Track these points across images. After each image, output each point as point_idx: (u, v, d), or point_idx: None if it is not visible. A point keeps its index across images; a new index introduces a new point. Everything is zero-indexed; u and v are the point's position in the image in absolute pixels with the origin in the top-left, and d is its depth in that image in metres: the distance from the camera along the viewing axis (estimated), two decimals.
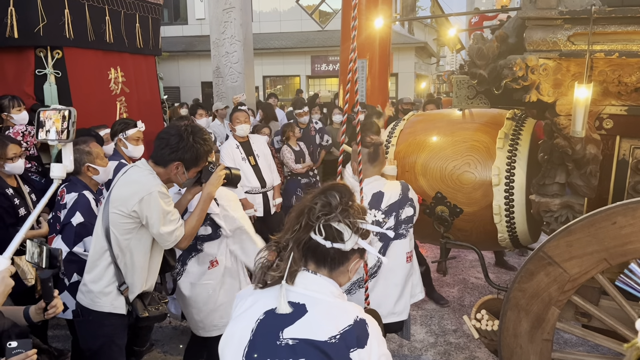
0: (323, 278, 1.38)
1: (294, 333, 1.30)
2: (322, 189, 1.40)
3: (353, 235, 1.34)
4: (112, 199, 2.42)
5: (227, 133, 6.65)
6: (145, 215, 2.37)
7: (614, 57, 2.30)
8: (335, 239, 1.34)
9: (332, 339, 1.28)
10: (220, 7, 9.35)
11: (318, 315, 1.32)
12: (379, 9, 7.58)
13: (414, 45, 18.86)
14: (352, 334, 1.29)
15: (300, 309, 1.33)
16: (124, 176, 2.48)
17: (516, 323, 2.54)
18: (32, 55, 4.50)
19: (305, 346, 1.28)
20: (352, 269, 1.42)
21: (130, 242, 2.45)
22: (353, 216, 1.35)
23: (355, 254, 1.39)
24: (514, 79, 2.44)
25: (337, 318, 1.32)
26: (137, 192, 2.35)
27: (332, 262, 1.37)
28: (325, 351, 1.26)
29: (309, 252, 1.38)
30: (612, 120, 2.54)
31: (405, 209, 3.04)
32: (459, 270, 5.63)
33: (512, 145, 3.06)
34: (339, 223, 1.33)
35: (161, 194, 2.36)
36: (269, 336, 1.31)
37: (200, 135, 2.45)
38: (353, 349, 1.28)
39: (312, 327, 1.30)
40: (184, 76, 18.83)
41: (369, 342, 1.31)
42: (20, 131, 4.06)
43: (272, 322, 1.33)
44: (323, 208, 1.34)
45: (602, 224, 2.25)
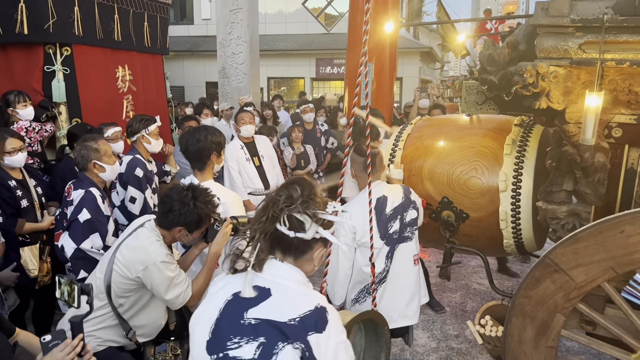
0: (289, 266, 1.48)
1: (257, 314, 1.39)
2: (285, 183, 1.52)
3: (313, 224, 1.44)
4: (117, 259, 2.44)
5: (232, 133, 6.66)
6: (150, 283, 2.42)
7: (625, 66, 2.31)
8: (297, 229, 1.44)
9: (292, 321, 1.36)
10: (228, 8, 9.38)
11: (281, 299, 1.42)
12: (389, 14, 7.58)
13: (419, 50, 18.87)
14: (311, 319, 1.38)
15: (265, 293, 1.43)
16: (133, 237, 2.50)
17: (521, 329, 2.54)
18: (41, 52, 4.52)
19: (266, 326, 1.37)
20: (317, 257, 1.51)
21: (130, 298, 2.49)
22: (313, 207, 1.45)
23: (318, 243, 1.50)
24: (524, 85, 2.45)
25: (298, 303, 1.41)
26: (142, 261, 2.38)
27: (296, 251, 1.48)
28: (283, 331, 1.35)
29: (275, 242, 1.47)
30: (621, 129, 2.55)
31: (409, 211, 3.06)
32: (461, 275, 5.62)
33: (519, 151, 3.07)
34: (300, 214, 1.43)
35: (165, 263, 2.40)
36: (234, 315, 1.41)
37: (202, 198, 2.47)
38: (311, 332, 1.36)
39: (274, 309, 1.39)
40: (189, 76, 18.84)
41: (327, 328, 1.39)
42: (24, 127, 4.08)
43: (239, 303, 1.43)
44: (286, 200, 1.44)
45: (610, 232, 2.25)
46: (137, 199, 3.75)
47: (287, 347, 1.33)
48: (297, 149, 6.21)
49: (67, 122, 4.65)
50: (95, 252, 3.02)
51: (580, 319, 2.62)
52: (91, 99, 4.84)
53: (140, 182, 3.75)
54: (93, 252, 3.00)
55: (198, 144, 3.06)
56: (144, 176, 3.78)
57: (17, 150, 3.37)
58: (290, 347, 1.33)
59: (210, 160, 3.11)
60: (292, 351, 1.33)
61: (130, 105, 5.39)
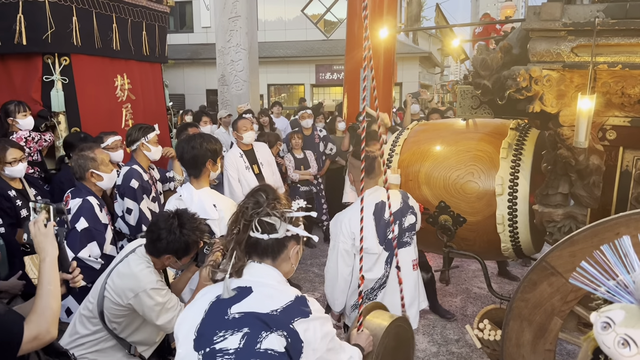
0: (267, 266, 1.58)
1: (240, 308, 1.47)
2: (250, 192, 1.60)
3: (283, 223, 1.54)
4: (109, 286, 2.46)
5: (231, 141, 6.68)
6: (141, 310, 2.44)
7: (617, 69, 2.32)
8: (270, 231, 1.54)
9: (274, 312, 1.45)
10: (227, 16, 9.42)
11: (262, 295, 1.51)
12: (384, 19, 7.62)
13: (418, 55, 18.92)
14: (295, 308, 1.48)
15: (247, 290, 1.52)
16: (123, 264, 2.52)
17: (519, 333, 2.54)
18: (40, 62, 4.56)
19: (249, 318, 1.45)
20: (293, 256, 1.61)
21: (124, 321, 2.51)
22: (280, 208, 1.55)
23: (291, 240, 1.59)
24: (517, 89, 2.46)
25: (279, 297, 1.50)
26: (133, 289, 2.41)
27: (272, 253, 1.58)
28: (265, 321, 1.43)
29: (252, 249, 1.57)
30: (615, 132, 2.56)
31: (408, 216, 3.06)
32: (461, 280, 5.62)
33: (515, 155, 3.08)
34: (269, 216, 1.53)
35: (155, 290, 2.42)
36: (218, 313, 1.49)
37: (189, 225, 2.48)
38: (296, 318, 1.46)
39: (256, 302, 1.48)
40: (189, 83, 18.92)
41: (312, 312, 1.51)
42: (24, 136, 4.10)
43: (222, 303, 1.51)
44: (254, 207, 1.54)
45: (605, 235, 2.25)
46: (133, 210, 3.77)
47: (271, 335, 1.41)
48: (298, 155, 6.24)
49: (66, 131, 4.67)
50: (93, 261, 3.03)
51: (578, 321, 2.62)
52: (90, 108, 4.87)
53: (135, 193, 3.76)
54: (91, 261, 3.01)
55: (193, 151, 3.08)
56: (140, 187, 3.79)
57: (17, 161, 3.39)
58: (274, 335, 1.41)
59: (205, 168, 3.12)
60: (276, 338, 1.41)
61: (129, 114, 5.42)
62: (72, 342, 2.49)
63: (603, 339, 1.10)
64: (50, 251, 1.81)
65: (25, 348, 1.66)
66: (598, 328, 1.11)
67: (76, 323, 2.57)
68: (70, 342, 2.49)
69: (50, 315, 1.72)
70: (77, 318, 2.59)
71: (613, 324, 1.08)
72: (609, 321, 1.10)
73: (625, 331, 1.06)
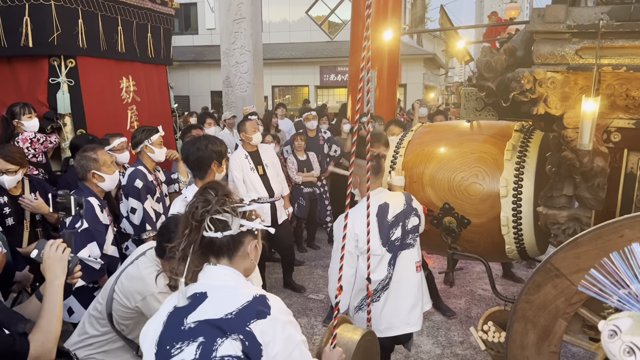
0: (223, 267, 1.52)
1: (195, 317, 1.43)
2: (198, 191, 1.55)
3: (235, 219, 1.49)
4: (117, 288, 2.48)
5: (236, 142, 6.70)
6: (149, 313, 2.44)
7: (621, 71, 2.32)
8: (223, 228, 1.48)
9: (229, 315, 1.40)
10: (231, 18, 9.46)
11: (217, 299, 1.46)
12: (389, 21, 7.64)
13: (422, 57, 18.92)
14: (251, 309, 1.42)
15: (202, 297, 1.47)
16: (133, 266, 2.53)
17: (523, 335, 2.54)
18: (46, 64, 4.58)
19: (204, 326, 1.41)
20: (252, 252, 1.56)
21: (131, 322, 2.52)
22: (230, 203, 1.50)
23: (248, 236, 1.54)
24: (522, 91, 2.46)
25: (235, 298, 1.45)
26: (140, 292, 2.42)
27: (228, 250, 1.52)
28: (220, 326, 1.39)
29: (207, 249, 1.51)
30: (619, 134, 2.56)
31: (411, 218, 3.06)
32: (465, 281, 5.61)
33: (520, 157, 3.08)
34: (221, 213, 1.47)
35: (163, 294, 2.42)
36: (175, 324, 1.45)
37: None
38: (252, 320, 1.40)
39: (211, 308, 1.43)
40: (194, 85, 18.99)
41: (271, 312, 1.43)
42: (29, 138, 4.12)
43: (179, 313, 1.47)
44: (203, 206, 1.48)
45: (610, 237, 2.25)
46: (137, 209, 3.80)
47: (225, 341, 1.37)
48: (300, 157, 6.25)
49: (72, 133, 4.70)
50: (93, 261, 3.05)
51: (582, 323, 2.62)
52: (95, 110, 4.89)
53: (139, 193, 3.80)
54: (90, 261, 3.03)
55: (198, 152, 3.10)
56: (144, 187, 3.83)
57: (2, 172, 3.31)
58: (229, 341, 1.37)
59: (210, 169, 3.14)
60: (230, 344, 1.37)
61: (134, 115, 5.44)
62: (81, 342, 2.51)
63: (609, 347, 1.09)
64: (60, 276, 1.85)
65: None
66: (605, 336, 1.11)
67: (85, 323, 2.59)
68: (78, 342, 2.51)
69: (53, 337, 1.77)
70: (86, 318, 2.61)
71: (619, 332, 1.08)
72: (615, 329, 1.09)
73: (631, 339, 1.06)
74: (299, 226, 6.65)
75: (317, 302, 5.13)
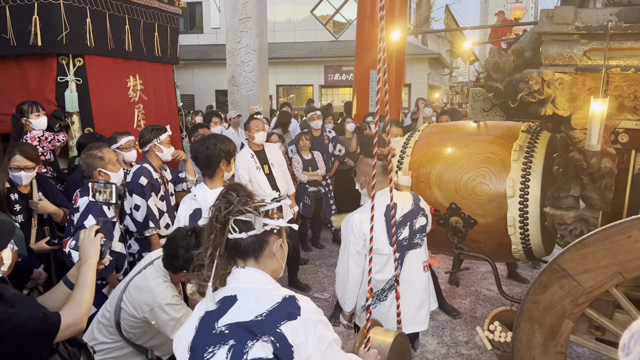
0: (250, 269, 1.52)
1: (226, 320, 1.43)
2: (220, 194, 1.55)
3: (258, 218, 1.49)
4: (125, 297, 2.51)
5: (242, 141, 6.72)
6: (157, 324, 2.48)
7: (630, 73, 2.33)
8: (247, 229, 1.49)
9: (259, 317, 1.40)
10: (237, 17, 9.48)
11: (247, 301, 1.46)
12: (396, 22, 7.65)
13: (427, 57, 18.91)
14: (282, 310, 1.42)
15: (232, 300, 1.47)
16: (141, 276, 2.56)
17: (530, 335, 2.55)
18: (55, 63, 4.62)
19: (235, 329, 1.40)
20: (277, 251, 1.55)
21: (139, 331, 2.56)
22: (252, 203, 1.50)
23: (272, 235, 1.54)
24: (530, 92, 2.47)
25: (265, 300, 1.45)
26: (148, 303, 2.45)
27: (254, 251, 1.52)
28: (250, 329, 1.38)
29: (233, 251, 1.52)
30: (627, 135, 2.56)
31: (419, 218, 3.07)
32: (471, 281, 5.62)
33: (527, 157, 3.08)
34: (244, 214, 1.48)
35: (170, 305, 2.46)
36: (207, 329, 1.46)
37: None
38: (283, 322, 1.39)
39: (241, 311, 1.43)
40: (199, 84, 19.02)
41: (302, 313, 1.43)
42: (37, 136, 4.15)
43: (210, 317, 1.47)
44: (226, 207, 1.49)
45: (617, 238, 2.26)
46: (141, 206, 3.84)
47: (256, 344, 1.37)
48: (305, 156, 6.27)
49: (80, 131, 4.73)
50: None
51: (589, 324, 2.62)
52: (103, 108, 4.92)
53: (143, 190, 3.83)
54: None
55: (207, 151, 3.12)
56: (148, 184, 3.86)
57: (20, 169, 3.38)
58: (259, 343, 1.37)
59: (219, 168, 3.16)
60: (261, 346, 1.36)
61: (141, 114, 5.47)
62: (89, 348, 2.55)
63: None
64: (94, 255, 1.98)
65: (62, 335, 1.80)
66: None
67: (94, 329, 2.62)
68: None
69: (85, 307, 1.89)
70: (94, 325, 2.63)
71: None
72: None
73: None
74: (303, 225, 6.67)
75: (322, 301, 5.15)
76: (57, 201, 3.64)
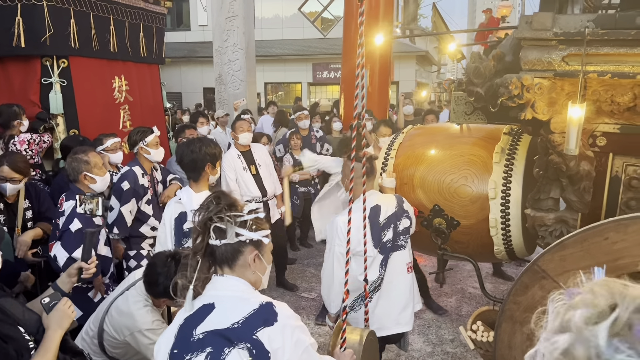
0: (229, 277, 1.55)
1: (204, 328, 1.47)
2: (204, 200, 1.58)
3: (231, 227, 1.51)
4: (107, 319, 2.53)
5: (229, 141, 6.72)
6: (138, 347, 2.50)
7: (606, 78, 2.37)
8: (222, 237, 1.52)
9: (235, 324, 1.43)
10: (224, 16, 9.46)
11: (224, 309, 1.49)
12: (381, 20, 7.67)
13: (415, 54, 18.96)
14: (258, 317, 1.45)
15: (210, 308, 1.50)
16: (122, 299, 2.57)
17: (511, 335, 2.59)
18: (39, 64, 4.59)
19: (211, 336, 1.44)
20: (252, 263, 1.57)
21: (123, 350, 2.58)
22: (229, 212, 1.52)
23: (248, 246, 1.55)
24: (510, 97, 2.51)
25: (242, 307, 1.48)
26: (129, 327, 2.47)
27: (227, 260, 1.55)
28: (227, 336, 1.41)
29: (211, 257, 1.56)
30: (605, 138, 2.61)
31: (402, 220, 3.11)
32: (456, 280, 5.68)
33: (508, 159, 3.13)
34: (220, 221, 1.51)
35: (150, 330, 2.47)
36: (185, 336, 1.49)
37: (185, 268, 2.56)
38: (259, 328, 1.43)
39: (218, 319, 1.47)
40: (186, 82, 18.93)
41: (278, 319, 1.47)
42: (26, 139, 4.12)
43: (189, 324, 1.50)
44: (203, 213, 1.53)
45: (595, 240, 2.30)
46: (114, 209, 3.82)
47: (233, 351, 1.40)
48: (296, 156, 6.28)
49: (65, 133, 4.71)
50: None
51: None
52: (88, 110, 4.90)
53: (122, 194, 3.81)
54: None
55: (192, 155, 3.13)
56: (130, 189, 3.83)
57: (6, 180, 3.33)
58: (236, 350, 1.40)
59: (204, 171, 3.17)
60: (237, 353, 1.39)
61: (127, 115, 5.45)
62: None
63: None
64: (64, 328, 1.93)
65: None
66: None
67: (79, 345, 2.62)
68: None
69: None
70: (79, 341, 2.65)
71: None
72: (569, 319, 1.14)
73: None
74: (292, 225, 6.69)
75: (309, 301, 5.18)
76: (43, 209, 3.61)
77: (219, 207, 1.52)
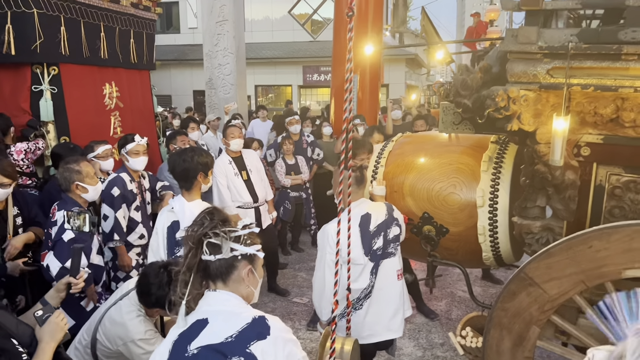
0: (221, 292, 1.58)
1: (198, 343, 1.49)
2: (197, 217, 1.60)
3: (226, 242, 1.54)
4: (100, 329, 2.55)
5: (220, 146, 6.74)
6: (131, 357, 2.52)
7: (589, 90, 2.43)
8: (216, 252, 1.54)
9: (229, 339, 1.46)
10: (214, 20, 9.46)
11: (218, 324, 1.51)
12: (370, 24, 7.72)
13: (404, 57, 19.06)
14: (251, 331, 1.48)
15: (203, 323, 1.53)
16: (116, 309, 2.59)
17: (499, 341, 2.65)
18: (29, 72, 4.58)
19: (205, 351, 1.47)
20: (246, 277, 1.60)
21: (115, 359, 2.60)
22: (223, 227, 1.55)
23: (242, 261, 1.58)
24: (496, 109, 2.56)
25: (235, 321, 1.51)
26: (122, 337, 2.50)
27: (221, 275, 1.57)
28: (221, 350, 1.44)
29: (205, 273, 1.58)
30: (589, 148, 2.67)
31: (392, 228, 3.16)
32: (446, 284, 5.74)
33: (495, 168, 3.19)
34: (215, 237, 1.53)
35: (143, 340, 2.50)
36: (179, 351, 1.51)
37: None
38: (252, 342, 1.46)
39: (212, 334, 1.49)
40: (176, 84, 18.86)
41: (271, 332, 1.50)
42: (23, 149, 4.12)
43: (183, 340, 1.52)
44: (197, 229, 1.55)
45: (579, 248, 2.37)
46: (109, 217, 3.86)
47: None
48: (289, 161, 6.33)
49: (56, 140, 4.70)
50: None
51: (555, 329, 2.74)
52: (79, 116, 4.89)
53: (113, 201, 3.86)
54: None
55: (184, 164, 3.16)
56: (120, 195, 3.88)
57: None
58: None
59: (196, 180, 3.20)
60: None
61: (117, 122, 5.45)
62: None
63: None
64: (56, 341, 1.94)
65: None
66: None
67: (71, 354, 2.64)
68: None
69: None
70: (72, 351, 2.66)
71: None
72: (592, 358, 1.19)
73: None
74: (283, 229, 6.73)
75: (300, 306, 5.21)
76: (32, 214, 3.60)
77: (213, 222, 1.55)
